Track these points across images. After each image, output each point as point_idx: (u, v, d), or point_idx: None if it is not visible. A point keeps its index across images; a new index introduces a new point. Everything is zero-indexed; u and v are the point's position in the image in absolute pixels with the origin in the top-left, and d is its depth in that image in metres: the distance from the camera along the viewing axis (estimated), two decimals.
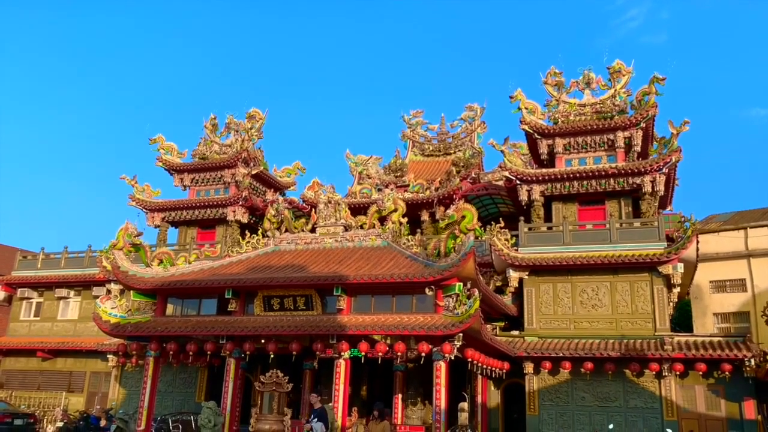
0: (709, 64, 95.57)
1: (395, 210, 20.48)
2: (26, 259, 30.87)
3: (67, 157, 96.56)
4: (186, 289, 19.06)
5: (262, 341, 18.29)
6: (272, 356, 18.23)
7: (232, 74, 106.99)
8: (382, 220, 20.63)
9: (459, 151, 33.58)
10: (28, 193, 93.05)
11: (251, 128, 29.28)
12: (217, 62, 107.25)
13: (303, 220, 21.85)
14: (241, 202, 27.25)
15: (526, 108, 24.36)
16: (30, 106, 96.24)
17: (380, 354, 16.89)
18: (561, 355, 19.99)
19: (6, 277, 30.52)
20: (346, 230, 20.67)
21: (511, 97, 24.47)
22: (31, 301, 30.38)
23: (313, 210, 22.39)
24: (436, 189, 27.90)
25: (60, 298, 29.63)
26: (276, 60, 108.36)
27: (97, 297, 25.68)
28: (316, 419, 11.39)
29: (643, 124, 22.97)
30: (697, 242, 20.83)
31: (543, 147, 24.11)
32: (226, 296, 18.67)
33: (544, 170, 23.35)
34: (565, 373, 20.66)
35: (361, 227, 20.55)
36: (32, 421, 24.91)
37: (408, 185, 28.88)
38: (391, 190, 23.52)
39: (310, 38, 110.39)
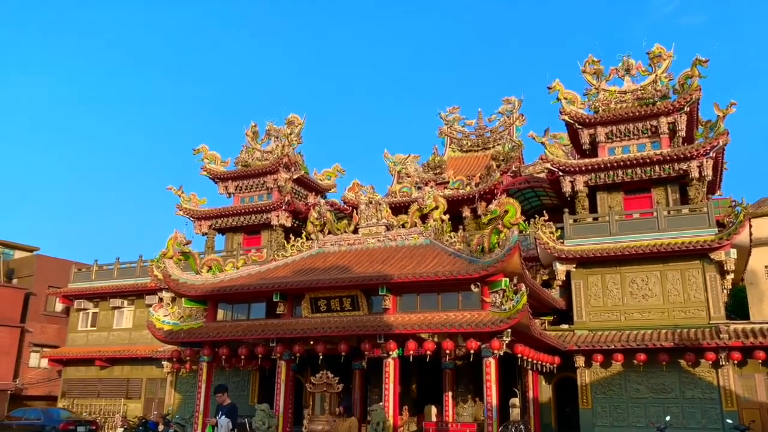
0: (752, 41, 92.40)
1: (436, 207, 20.43)
2: (81, 272, 31.88)
3: (115, 171, 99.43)
4: (235, 294, 19.39)
5: (311, 343, 18.50)
6: (321, 357, 18.43)
7: (269, 80, 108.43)
8: (424, 218, 20.62)
9: (498, 144, 33.30)
10: (81, 207, 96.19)
11: (291, 134, 29.61)
12: (254, 70, 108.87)
13: (345, 221, 21.97)
14: (284, 207, 27.58)
15: (565, 98, 24.01)
16: (77, 123, 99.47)
17: (428, 352, 16.92)
18: (612, 347, 19.65)
19: (63, 290, 31.61)
20: (388, 230, 20.71)
21: (549, 88, 24.16)
22: (87, 311, 31.38)
23: (355, 211, 22.52)
24: (477, 184, 27.74)
25: (114, 308, 30.52)
26: (312, 63, 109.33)
27: (149, 305, 26.34)
28: (223, 415, 11.39)
29: (687, 109, 22.40)
30: (750, 227, 20.21)
31: (584, 137, 23.74)
32: (274, 299, 18.94)
33: (586, 160, 22.99)
34: (618, 366, 20.31)
35: (403, 226, 20.58)
36: (94, 428, 25.80)
37: (448, 182, 28.78)
38: (431, 187, 23.52)
39: (344, 39, 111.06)
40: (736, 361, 19.08)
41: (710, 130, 21.96)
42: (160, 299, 27.18)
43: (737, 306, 26.97)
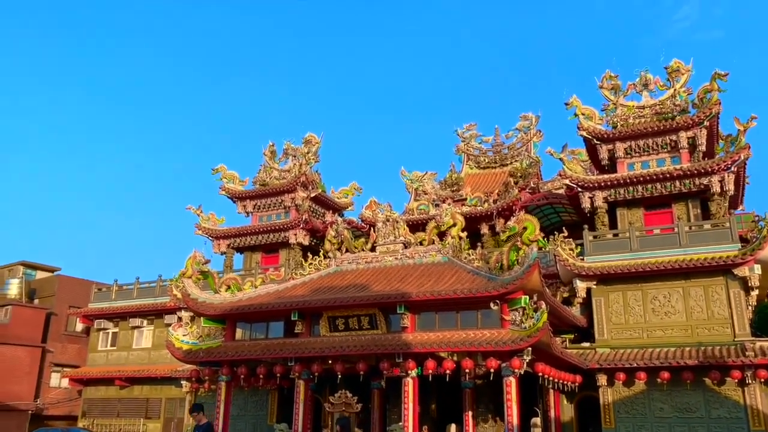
0: None
1: (454, 225, 20.42)
2: (101, 291, 32.17)
3: (135, 192, 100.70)
4: (253, 313, 19.43)
5: (329, 362, 18.46)
6: (340, 377, 18.35)
7: (285, 99, 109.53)
8: (441, 235, 20.58)
9: (515, 161, 33.26)
10: (102, 227, 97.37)
11: (308, 152, 29.83)
12: (273, 89, 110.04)
13: (362, 239, 22.01)
14: (301, 225, 27.72)
15: (582, 114, 23.96)
16: (98, 144, 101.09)
17: (448, 371, 16.78)
18: (635, 365, 19.36)
19: (83, 310, 31.90)
20: (406, 247, 20.72)
21: (566, 104, 24.12)
22: (107, 331, 31.61)
23: (372, 229, 22.57)
24: (495, 201, 27.67)
25: (134, 328, 30.72)
26: (329, 81, 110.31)
27: (168, 325, 26.47)
28: None
29: (706, 123, 22.23)
30: None
31: (603, 152, 23.63)
32: (292, 318, 18.95)
33: (606, 176, 22.87)
34: (641, 384, 19.98)
35: (421, 244, 20.56)
36: None
37: (465, 199, 28.76)
38: (449, 204, 23.51)
39: (361, 57, 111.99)
40: (762, 380, 18.67)
41: (731, 144, 21.77)
42: (179, 318, 27.31)
43: (763, 323, 26.43)
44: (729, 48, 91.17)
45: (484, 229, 27.43)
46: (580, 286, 21.28)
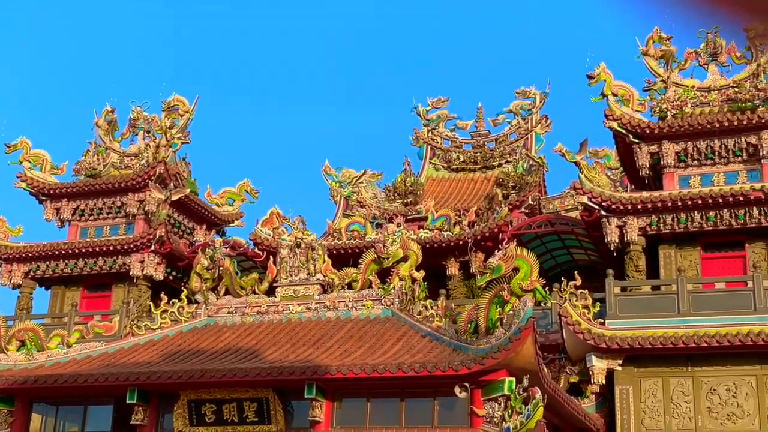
0: None
1: (405, 259, 20.43)
2: None
3: None
4: (63, 388, 18.93)
5: None
6: None
7: (143, 49, 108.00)
8: (384, 274, 20.56)
9: (506, 162, 33.68)
10: None
11: (171, 127, 29.52)
12: (120, 32, 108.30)
13: (255, 274, 21.87)
14: (153, 246, 27.29)
15: (614, 94, 24.44)
16: None
17: None
18: None
19: None
20: (325, 291, 20.66)
21: (589, 77, 24.57)
22: None
23: (272, 258, 22.36)
24: (471, 224, 27.86)
25: None
26: (213, 28, 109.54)
27: None
28: None
29: None
30: None
31: (643, 156, 24.14)
32: (129, 401, 18.52)
33: (645, 194, 23.33)
34: None
35: (350, 286, 20.51)
36: None
37: (425, 218, 28.87)
38: (398, 226, 23.49)
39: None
40: None
41: None
42: None
43: None
44: None
45: (453, 267, 27.51)
46: (598, 365, 21.54)
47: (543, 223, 28.11)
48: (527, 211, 29.11)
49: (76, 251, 28.12)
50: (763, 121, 23.19)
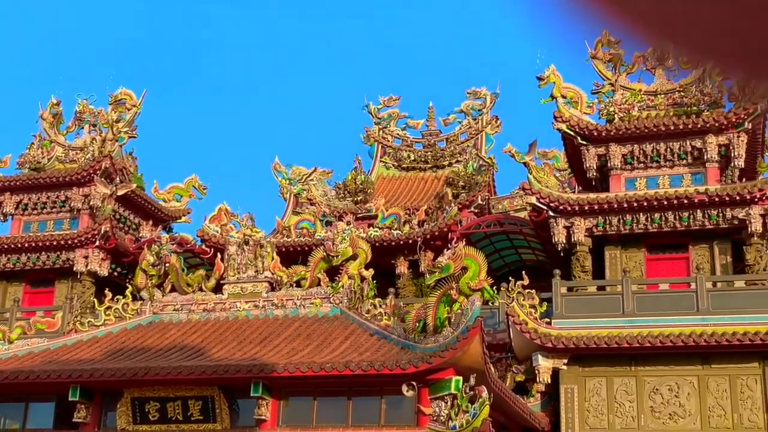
0: None
1: (354, 257, 20.46)
2: None
3: None
4: (4, 385, 18.69)
5: None
6: None
7: (90, 41, 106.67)
8: (333, 273, 20.55)
9: (457, 162, 33.81)
10: None
11: (118, 120, 29.24)
12: (67, 24, 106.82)
13: (202, 271, 21.78)
14: (98, 242, 27.05)
15: (563, 96, 24.62)
16: None
17: None
18: None
19: None
20: (273, 289, 20.64)
21: (539, 79, 24.73)
22: None
23: (219, 255, 22.28)
24: (421, 223, 27.92)
25: None
26: (162, 21, 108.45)
27: None
28: None
29: (748, 125, 23.33)
30: None
31: (590, 158, 24.34)
32: (71, 398, 18.37)
33: (592, 195, 23.53)
34: None
35: (298, 284, 20.51)
36: None
37: (375, 217, 28.89)
38: (348, 224, 23.49)
39: None
40: None
41: None
42: None
43: None
44: None
45: (402, 266, 27.56)
46: (544, 364, 21.70)
47: (492, 223, 28.24)
48: (477, 210, 29.25)
49: (19, 246, 27.79)
50: (707, 125, 23.47)
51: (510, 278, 23.27)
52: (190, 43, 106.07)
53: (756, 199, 22.28)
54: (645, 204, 22.92)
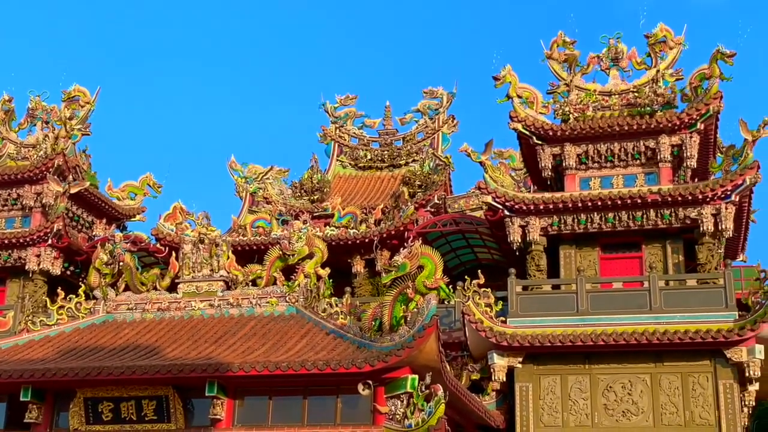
0: None
1: (310, 256, 20.44)
2: None
3: None
4: None
5: None
6: None
7: (43, 37, 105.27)
8: (289, 272, 20.53)
9: (413, 161, 33.87)
10: None
11: (71, 117, 28.92)
12: (20, 19, 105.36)
13: (156, 270, 21.66)
14: (50, 240, 26.75)
15: (519, 96, 24.72)
16: None
17: None
18: None
19: None
20: (229, 288, 20.58)
21: (495, 79, 24.80)
22: None
23: (174, 254, 22.12)
24: (378, 222, 27.92)
25: None
26: (117, 17, 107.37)
27: None
28: None
29: (700, 125, 23.57)
30: None
31: (546, 158, 24.47)
32: (22, 398, 18.21)
33: (547, 194, 23.65)
34: None
35: (254, 283, 20.47)
36: None
37: (332, 216, 28.88)
38: (304, 222, 23.40)
39: None
40: None
41: (733, 160, 23.03)
42: None
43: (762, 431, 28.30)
44: (737, 19, 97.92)
45: (358, 265, 27.58)
46: (499, 363, 21.79)
47: (448, 222, 28.30)
48: (433, 209, 29.29)
49: None
50: (661, 125, 23.71)
51: (466, 277, 23.33)
52: (144, 40, 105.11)
53: (708, 199, 22.54)
54: (599, 203, 23.11)
